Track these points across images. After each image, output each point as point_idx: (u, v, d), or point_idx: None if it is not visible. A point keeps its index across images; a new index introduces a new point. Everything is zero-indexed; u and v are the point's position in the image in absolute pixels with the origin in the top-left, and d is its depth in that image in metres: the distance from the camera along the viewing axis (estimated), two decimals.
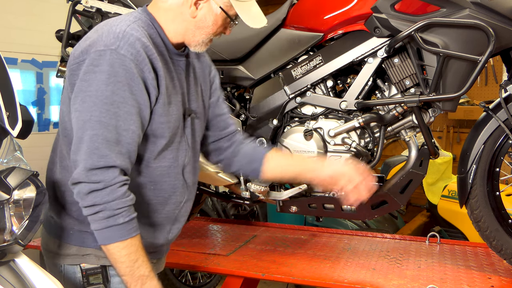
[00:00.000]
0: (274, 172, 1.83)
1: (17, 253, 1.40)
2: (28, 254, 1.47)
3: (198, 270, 3.41)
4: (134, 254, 1.47)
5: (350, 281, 2.09)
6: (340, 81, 2.31)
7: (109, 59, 1.43)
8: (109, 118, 1.43)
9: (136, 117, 1.47)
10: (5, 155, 1.45)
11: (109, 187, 1.43)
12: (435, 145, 2.20)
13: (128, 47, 1.45)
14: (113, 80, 1.43)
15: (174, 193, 1.65)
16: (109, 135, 1.43)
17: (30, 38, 4.10)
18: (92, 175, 1.43)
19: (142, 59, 1.46)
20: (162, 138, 1.56)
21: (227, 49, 2.38)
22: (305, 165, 1.81)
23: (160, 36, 1.58)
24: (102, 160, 1.43)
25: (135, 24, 1.51)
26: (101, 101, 1.43)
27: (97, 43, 1.46)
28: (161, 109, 1.53)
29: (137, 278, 1.47)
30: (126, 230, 1.45)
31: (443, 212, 4.07)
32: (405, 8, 2.03)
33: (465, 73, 2.00)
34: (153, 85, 1.49)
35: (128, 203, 1.46)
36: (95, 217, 1.45)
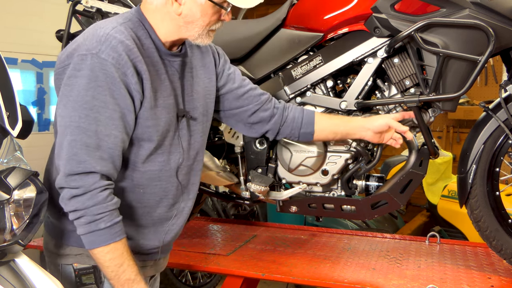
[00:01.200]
0: (325, 133, 1.97)
1: (17, 253, 1.41)
2: (28, 254, 1.48)
3: (198, 270, 3.41)
4: (118, 259, 1.46)
5: (350, 281, 2.10)
6: (340, 81, 2.31)
7: (90, 63, 1.42)
8: (89, 123, 1.42)
9: (119, 121, 1.46)
10: (5, 155, 1.45)
11: (89, 193, 1.43)
12: (435, 145, 2.20)
13: (110, 51, 1.43)
14: (93, 85, 1.42)
15: (166, 196, 1.63)
16: (89, 141, 1.42)
17: (30, 38, 4.10)
18: (72, 180, 1.43)
19: (124, 62, 1.44)
20: (150, 142, 1.54)
21: (227, 49, 2.37)
22: (353, 124, 1.97)
23: (150, 37, 1.56)
24: (81, 166, 1.42)
25: (122, 26, 1.49)
26: (81, 106, 1.42)
27: (80, 47, 1.46)
28: (147, 113, 1.51)
29: (123, 282, 1.47)
30: (110, 235, 1.45)
31: (443, 212, 4.08)
32: (405, 8, 2.03)
33: (465, 73, 2.00)
34: (137, 89, 1.47)
35: (109, 207, 1.45)
36: (78, 222, 1.45)
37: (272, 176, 2.34)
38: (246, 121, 1.94)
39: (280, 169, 2.34)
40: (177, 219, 1.70)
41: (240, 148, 2.39)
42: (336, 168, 2.25)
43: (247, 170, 2.40)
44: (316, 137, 1.99)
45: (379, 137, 1.99)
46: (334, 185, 2.33)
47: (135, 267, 1.49)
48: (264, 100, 1.94)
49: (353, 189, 2.30)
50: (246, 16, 5.75)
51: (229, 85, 1.86)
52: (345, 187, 2.30)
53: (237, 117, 1.93)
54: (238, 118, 1.93)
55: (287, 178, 2.34)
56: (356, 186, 2.29)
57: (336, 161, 2.25)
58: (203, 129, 1.75)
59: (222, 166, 2.47)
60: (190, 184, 1.71)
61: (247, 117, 1.92)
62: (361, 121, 1.98)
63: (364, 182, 2.27)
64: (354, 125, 1.98)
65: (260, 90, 1.96)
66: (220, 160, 2.48)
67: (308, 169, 2.27)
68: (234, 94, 1.88)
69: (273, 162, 2.35)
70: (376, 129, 1.95)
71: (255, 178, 2.31)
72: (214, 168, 2.36)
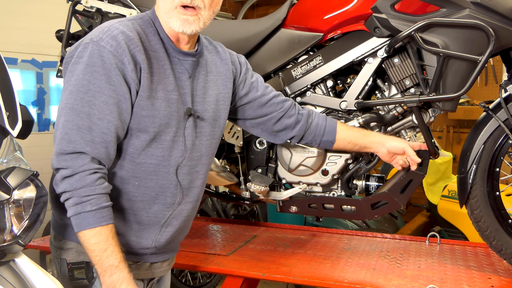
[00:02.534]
0: (344, 143, 2.01)
1: (17, 253, 1.41)
2: (28, 254, 1.48)
3: (198, 270, 3.41)
4: (103, 243, 1.46)
5: (350, 281, 2.09)
6: (340, 81, 2.31)
7: (90, 50, 1.48)
8: (82, 105, 1.46)
9: (114, 107, 1.49)
10: (5, 155, 1.45)
11: (77, 174, 1.45)
12: (435, 145, 2.20)
13: (109, 39, 1.48)
14: (90, 70, 1.47)
15: (163, 193, 1.63)
16: (81, 122, 1.46)
17: (30, 38, 4.10)
18: (62, 160, 1.46)
19: (122, 50, 1.48)
20: (145, 133, 1.56)
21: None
22: (371, 138, 2.02)
23: (158, 34, 1.60)
24: (71, 145, 1.45)
25: (129, 21, 1.56)
26: (77, 89, 1.47)
27: (86, 37, 1.52)
28: (143, 102, 1.53)
29: (105, 268, 1.47)
30: (96, 218, 1.45)
31: (443, 212, 4.07)
32: (405, 8, 2.03)
33: (465, 73, 2.00)
34: (132, 77, 1.50)
35: (97, 191, 1.46)
36: (67, 203, 1.48)
37: (272, 176, 2.34)
38: (272, 129, 1.96)
39: (280, 169, 2.35)
40: (173, 220, 1.68)
41: (240, 148, 2.39)
42: (336, 168, 2.25)
43: (247, 170, 2.40)
44: (335, 146, 2.02)
45: (390, 157, 2.04)
46: (334, 185, 2.33)
47: (120, 254, 1.49)
48: (288, 106, 1.95)
49: (353, 189, 2.30)
50: (246, 16, 5.75)
51: (252, 93, 1.88)
52: (345, 187, 2.30)
53: (263, 126, 1.95)
54: (263, 127, 1.96)
55: (287, 178, 2.34)
56: (356, 186, 2.29)
57: (336, 161, 2.25)
58: (212, 133, 1.73)
59: (222, 166, 2.47)
60: (191, 186, 1.70)
61: (272, 125, 1.94)
62: (379, 137, 2.03)
63: (364, 182, 2.28)
64: (372, 139, 2.02)
65: (283, 96, 1.97)
66: (220, 160, 2.48)
67: (308, 169, 2.27)
68: (258, 102, 1.90)
69: (273, 162, 2.35)
70: (392, 150, 2.01)
71: (255, 178, 2.31)
72: (214, 168, 2.36)
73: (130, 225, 1.62)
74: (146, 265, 1.73)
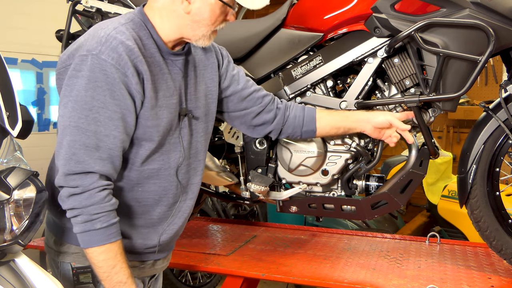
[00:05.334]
0: (327, 129, 1.98)
1: (17, 253, 1.41)
2: (28, 254, 1.48)
3: (198, 270, 3.41)
4: (112, 260, 1.46)
5: (350, 281, 2.09)
6: (340, 81, 2.31)
7: (90, 64, 1.43)
8: (88, 123, 1.43)
9: (119, 122, 1.46)
10: (5, 155, 1.45)
11: (87, 192, 1.43)
12: (435, 145, 2.20)
13: (110, 52, 1.43)
14: (92, 85, 1.42)
15: (166, 195, 1.63)
16: (88, 141, 1.43)
17: (30, 38, 4.10)
18: (70, 180, 1.43)
19: (124, 63, 1.44)
20: (150, 142, 1.55)
21: (227, 49, 2.38)
22: (354, 117, 1.97)
23: (152, 37, 1.55)
24: (79, 166, 1.43)
25: (123, 26, 1.49)
26: (80, 107, 1.43)
27: (81, 47, 1.46)
28: (148, 113, 1.51)
29: (114, 284, 1.47)
30: (105, 236, 1.45)
31: (443, 212, 4.07)
32: (405, 8, 2.03)
33: (465, 73, 2.00)
34: (137, 90, 1.47)
35: (107, 208, 1.45)
36: (75, 220, 1.46)
37: (272, 176, 2.34)
38: (250, 123, 1.94)
39: (280, 169, 2.34)
40: (176, 218, 1.70)
41: (240, 148, 2.39)
42: (336, 168, 2.25)
43: (247, 170, 2.40)
44: (318, 134, 2.00)
45: (378, 133, 2.00)
46: (334, 185, 2.33)
47: (128, 270, 1.49)
48: (268, 101, 1.94)
49: (353, 189, 2.30)
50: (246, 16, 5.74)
51: (233, 86, 1.86)
52: (345, 187, 2.29)
53: (241, 119, 1.93)
54: (242, 120, 1.94)
55: (287, 178, 2.34)
56: (356, 186, 2.29)
57: (336, 161, 2.25)
58: (205, 129, 1.74)
59: (222, 166, 2.47)
60: (190, 184, 1.71)
61: (251, 119, 1.93)
62: (362, 115, 2.00)
63: (364, 182, 2.27)
64: (355, 118, 1.99)
65: (264, 91, 1.96)
66: (220, 160, 2.48)
67: (308, 169, 2.27)
68: (238, 95, 1.88)
69: (273, 162, 2.35)
70: (377, 125, 1.97)
71: (255, 178, 2.31)
72: (214, 168, 2.36)
73: (135, 229, 1.62)
74: (150, 263, 1.74)
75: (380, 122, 1.97)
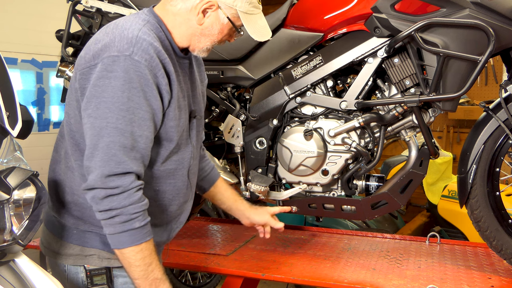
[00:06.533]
0: (213, 199, 2.04)
1: (17, 253, 1.40)
2: (28, 254, 1.47)
3: (198, 270, 3.41)
4: (148, 258, 1.49)
5: (350, 281, 2.09)
6: (340, 81, 2.31)
7: (124, 65, 1.43)
8: (125, 124, 1.44)
9: (150, 122, 1.48)
10: (5, 155, 1.45)
11: (126, 192, 1.44)
12: (435, 145, 2.20)
13: (142, 53, 1.45)
14: (128, 86, 1.43)
15: (178, 194, 1.67)
16: (126, 142, 1.44)
17: (30, 38, 4.10)
18: (110, 181, 1.44)
19: (156, 64, 1.47)
20: (171, 142, 1.58)
21: (227, 49, 2.38)
22: (239, 207, 2.03)
23: (168, 39, 1.58)
24: (120, 166, 1.44)
25: (145, 27, 1.51)
26: (117, 108, 1.43)
27: (110, 48, 1.45)
28: (172, 113, 1.54)
29: (150, 282, 1.49)
30: (142, 234, 1.47)
31: (443, 212, 4.07)
32: (405, 8, 2.03)
33: (465, 73, 2.00)
34: (166, 90, 1.51)
35: (143, 207, 1.48)
36: (111, 221, 1.45)
37: (272, 176, 2.34)
38: None
39: (280, 169, 2.35)
40: (182, 216, 1.75)
41: (240, 148, 2.39)
42: (336, 168, 2.25)
43: (247, 170, 2.40)
44: (206, 195, 2.05)
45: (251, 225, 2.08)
46: (334, 185, 2.33)
47: (161, 266, 1.53)
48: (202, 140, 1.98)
49: (353, 189, 2.30)
50: None
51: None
52: (345, 187, 2.30)
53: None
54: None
55: (287, 178, 2.34)
56: (356, 186, 2.29)
57: (336, 161, 2.25)
58: (203, 129, 1.82)
59: (222, 166, 2.47)
60: (194, 183, 1.77)
61: None
62: (246, 210, 2.04)
63: (364, 182, 2.28)
64: (239, 207, 2.04)
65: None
66: (220, 160, 2.48)
67: (308, 169, 2.27)
68: None
69: (273, 162, 2.35)
70: (255, 222, 2.05)
71: (255, 178, 2.31)
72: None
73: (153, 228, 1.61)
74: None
75: (257, 221, 2.04)
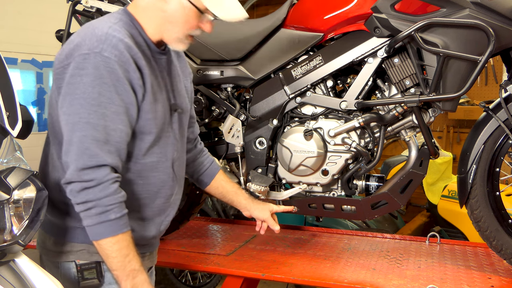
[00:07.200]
0: (215, 192, 2.07)
1: (17, 253, 1.41)
2: (28, 254, 1.48)
3: (198, 270, 3.41)
4: (125, 249, 1.50)
5: (350, 281, 2.09)
6: (340, 81, 2.31)
7: (94, 62, 1.47)
8: (97, 118, 1.47)
9: (124, 116, 1.51)
10: (5, 155, 1.45)
11: (101, 184, 1.47)
12: (435, 145, 2.20)
13: (112, 49, 1.48)
14: (98, 82, 1.47)
15: (163, 187, 1.69)
16: (98, 135, 1.47)
17: (30, 38, 4.10)
18: (84, 174, 1.47)
19: (126, 59, 1.50)
20: (149, 135, 1.60)
21: (227, 49, 2.38)
22: (240, 199, 2.07)
23: (141, 35, 1.61)
24: (93, 159, 1.47)
25: (116, 25, 1.54)
26: (88, 103, 1.47)
27: (81, 46, 1.50)
28: (148, 107, 1.57)
29: (128, 273, 1.50)
30: (118, 226, 1.49)
31: (443, 212, 4.07)
32: (405, 8, 2.03)
33: (465, 73, 2.00)
34: (139, 84, 1.53)
35: (119, 199, 1.50)
36: (88, 213, 1.48)
37: (272, 176, 2.34)
38: None
39: (280, 169, 2.35)
40: (171, 210, 1.77)
41: (240, 148, 2.40)
42: (336, 168, 2.25)
43: (247, 170, 2.40)
44: (207, 189, 2.08)
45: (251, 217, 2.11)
46: (334, 185, 2.33)
47: (139, 257, 1.54)
48: (196, 135, 2.03)
49: (353, 189, 2.30)
50: None
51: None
52: (345, 187, 2.30)
53: None
54: None
55: (287, 178, 2.34)
56: (356, 186, 2.29)
57: (336, 161, 2.25)
58: (187, 124, 1.84)
59: (222, 166, 2.47)
60: (181, 176, 1.78)
61: None
62: (248, 204, 2.07)
63: (364, 182, 2.28)
64: (241, 200, 2.07)
65: (196, 124, 2.03)
66: (220, 160, 2.48)
67: (308, 169, 2.27)
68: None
69: (273, 162, 2.35)
70: (254, 216, 2.08)
71: (255, 178, 2.31)
72: None
73: (137, 222, 1.66)
74: (147, 255, 1.80)
75: (256, 216, 2.07)
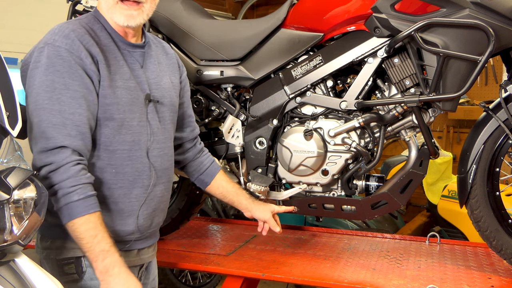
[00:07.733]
0: (218, 191, 2.11)
1: (17, 253, 1.41)
2: (28, 254, 1.48)
3: (198, 270, 3.41)
4: (93, 230, 1.52)
5: (350, 281, 2.09)
6: (340, 81, 2.31)
7: (47, 52, 1.56)
8: (52, 103, 1.53)
9: (81, 100, 1.57)
10: (5, 155, 1.45)
11: (62, 167, 1.52)
12: (435, 145, 2.20)
13: (63, 39, 1.57)
14: (51, 70, 1.55)
15: (140, 177, 1.71)
16: (54, 119, 1.53)
17: (30, 38, 4.08)
18: (44, 157, 1.52)
19: (77, 47, 1.57)
20: (113, 121, 1.64)
21: (227, 49, 2.38)
22: (241, 199, 2.11)
23: (106, 29, 1.69)
24: (50, 142, 1.52)
25: (76, 21, 1.65)
26: (43, 90, 1.54)
27: (39, 43, 1.61)
28: (105, 91, 1.62)
29: (97, 254, 1.52)
30: (83, 207, 1.52)
31: (443, 212, 4.07)
32: (405, 8, 2.03)
33: (465, 73, 2.00)
34: (93, 70, 1.59)
35: (82, 181, 1.53)
36: (55, 197, 1.53)
37: (272, 176, 2.34)
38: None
39: (280, 169, 2.35)
40: (152, 202, 1.76)
41: (240, 148, 2.40)
42: (336, 168, 2.25)
43: (247, 170, 2.40)
44: (207, 189, 2.11)
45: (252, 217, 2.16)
46: (334, 185, 2.33)
47: (110, 239, 1.54)
48: (196, 133, 2.07)
49: (353, 189, 2.30)
50: (246, 16, 5.74)
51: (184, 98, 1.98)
52: (345, 187, 2.30)
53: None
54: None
55: (287, 178, 2.34)
56: (356, 186, 2.29)
57: (336, 161, 2.25)
58: (171, 118, 1.85)
59: (222, 166, 2.47)
60: (163, 168, 1.79)
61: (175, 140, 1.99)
62: (248, 205, 2.11)
63: (364, 182, 2.28)
64: (242, 200, 2.11)
65: (195, 123, 2.06)
66: (220, 160, 2.48)
67: (308, 169, 2.27)
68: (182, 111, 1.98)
69: (273, 162, 2.35)
70: (255, 217, 2.13)
71: (255, 178, 2.31)
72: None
73: (113, 214, 1.68)
74: (134, 252, 1.80)
75: (257, 216, 2.12)
